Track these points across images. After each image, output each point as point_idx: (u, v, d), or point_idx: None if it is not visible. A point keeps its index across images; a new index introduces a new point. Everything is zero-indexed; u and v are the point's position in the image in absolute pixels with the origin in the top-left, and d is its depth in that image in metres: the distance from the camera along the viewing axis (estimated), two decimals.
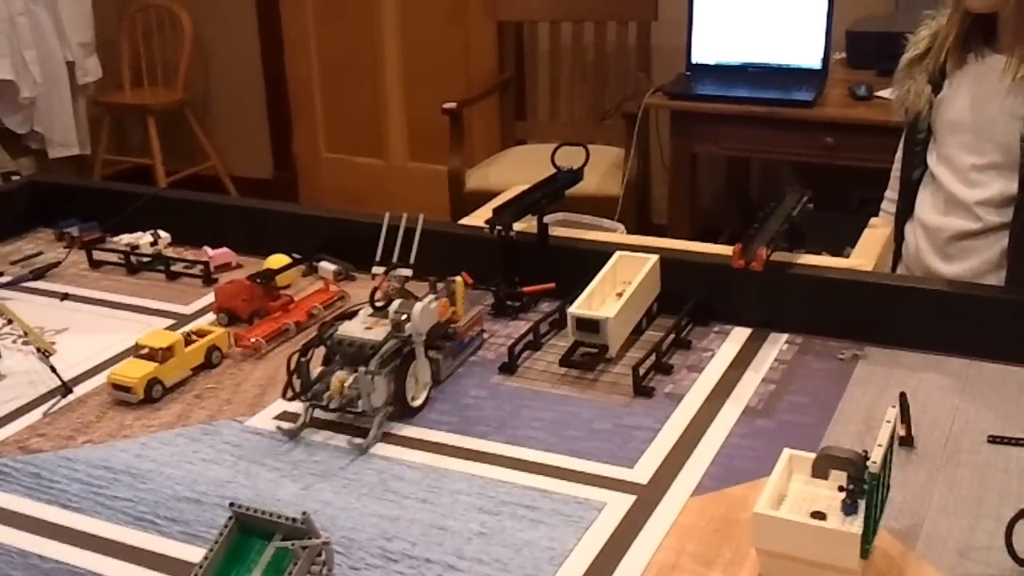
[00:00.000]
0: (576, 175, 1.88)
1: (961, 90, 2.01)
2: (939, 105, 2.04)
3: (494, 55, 4.50)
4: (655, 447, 1.37)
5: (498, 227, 1.73)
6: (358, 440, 1.39)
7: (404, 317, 1.43)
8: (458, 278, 1.60)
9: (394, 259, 1.56)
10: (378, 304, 1.47)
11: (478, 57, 4.63)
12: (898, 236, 2.17)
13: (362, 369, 1.37)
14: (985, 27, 1.98)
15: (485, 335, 1.67)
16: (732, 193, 4.49)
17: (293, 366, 1.42)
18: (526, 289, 1.76)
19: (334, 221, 2.00)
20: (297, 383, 1.42)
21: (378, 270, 1.57)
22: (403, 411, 1.44)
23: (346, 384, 1.39)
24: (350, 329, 1.45)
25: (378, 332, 1.43)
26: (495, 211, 1.76)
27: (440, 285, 1.57)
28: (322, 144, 5.25)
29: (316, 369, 1.44)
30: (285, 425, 1.43)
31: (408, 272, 1.55)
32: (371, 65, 4.96)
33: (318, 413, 1.44)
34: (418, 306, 1.44)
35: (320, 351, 1.46)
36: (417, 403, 1.46)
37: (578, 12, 4.36)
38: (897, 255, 2.17)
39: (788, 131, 3.44)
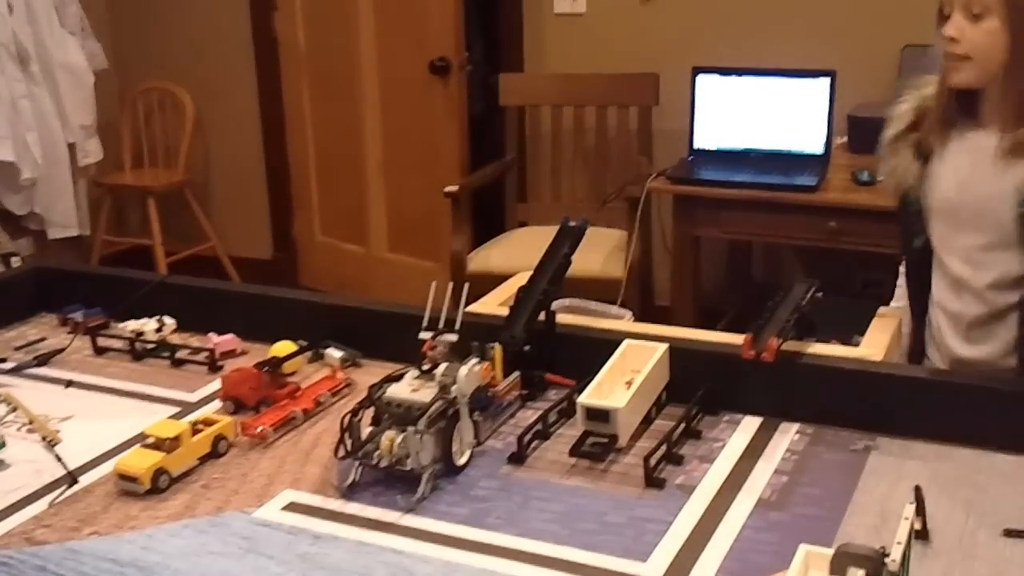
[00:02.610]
0: (582, 228, 1.87)
1: (947, 169, 2.01)
2: (927, 182, 2.04)
3: (460, 151, 4.44)
4: (668, 540, 1.35)
5: (511, 347, 1.73)
6: (407, 496, 1.45)
7: (451, 380, 1.51)
8: (497, 345, 1.67)
9: (440, 325, 1.62)
10: (424, 367, 1.54)
11: (447, 153, 4.49)
12: (917, 312, 2.15)
13: (411, 428, 1.44)
14: (967, 103, 1.99)
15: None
16: (734, 276, 4.50)
17: (345, 425, 1.47)
18: (549, 377, 1.77)
19: (339, 308, 2.00)
20: (349, 443, 1.47)
21: (425, 335, 1.61)
22: (448, 469, 1.51)
23: (395, 443, 1.44)
24: (398, 391, 1.52)
25: (424, 394, 1.51)
26: (504, 325, 1.75)
27: (486, 347, 1.64)
28: (317, 227, 5.23)
29: (366, 429, 1.50)
30: (337, 483, 1.49)
31: (454, 337, 1.60)
32: (355, 153, 4.90)
33: (328, 503, 1.44)
34: (463, 369, 1.53)
35: (369, 412, 1.52)
36: (461, 462, 1.53)
37: (580, 97, 4.40)
38: (921, 334, 2.16)
39: (791, 215, 3.45)
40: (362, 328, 1.92)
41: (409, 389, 1.53)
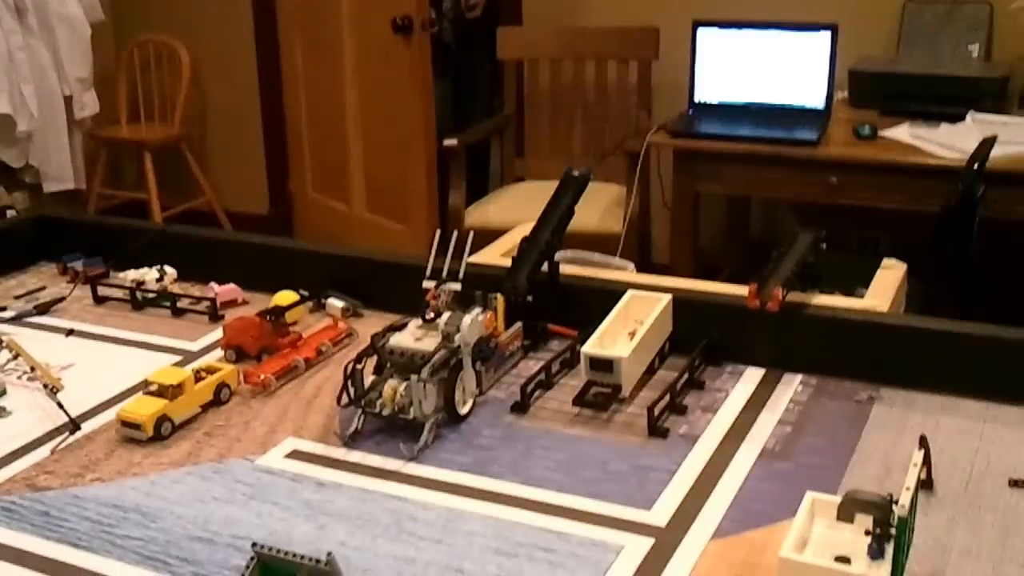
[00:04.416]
0: (585, 178, 1.85)
1: None
2: None
3: (423, 114, 4.28)
4: (672, 489, 1.35)
5: (515, 297, 1.72)
6: (409, 445, 1.44)
7: (454, 329, 1.51)
8: (499, 294, 1.66)
9: (444, 274, 1.61)
10: (428, 317, 1.54)
11: (414, 114, 4.35)
12: None
13: (414, 377, 1.43)
14: None
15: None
16: (732, 232, 4.50)
17: (348, 373, 1.47)
18: (552, 328, 1.76)
19: (340, 258, 1.98)
20: (352, 391, 1.48)
21: (429, 284, 1.60)
22: (451, 418, 1.51)
23: (399, 392, 1.45)
24: (401, 340, 1.52)
25: (428, 343, 1.50)
26: (507, 275, 1.74)
27: (489, 296, 1.64)
28: (309, 184, 5.18)
29: (368, 378, 1.49)
30: (340, 432, 1.48)
31: (457, 286, 1.59)
32: (339, 112, 4.84)
33: (331, 451, 1.44)
34: (467, 318, 1.52)
35: (372, 361, 1.51)
36: (464, 411, 1.53)
37: (579, 51, 4.37)
38: None
39: (792, 170, 3.45)
40: (363, 278, 1.92)
41: (412, 338, 1.52)
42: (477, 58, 4.81)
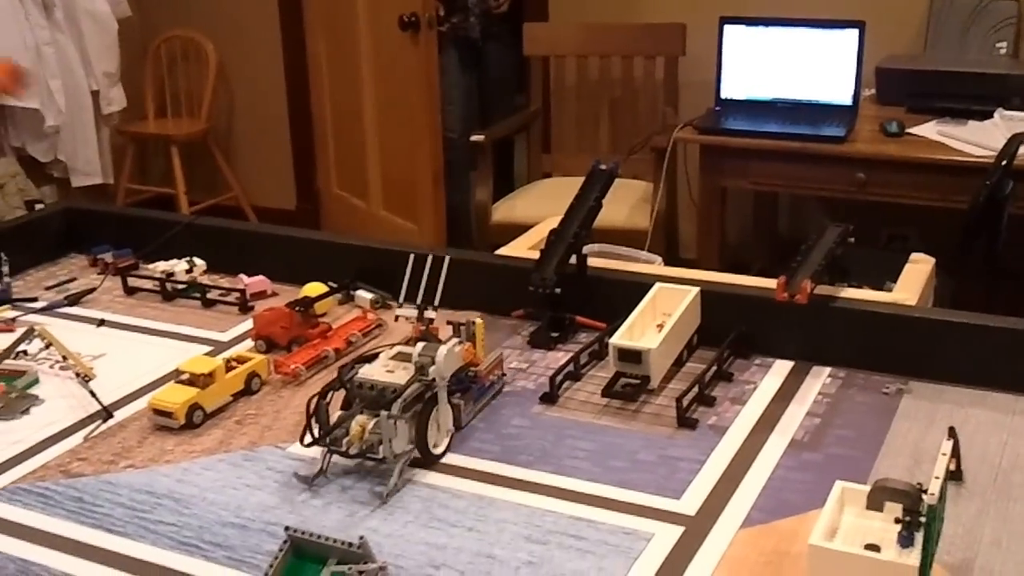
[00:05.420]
0: (613, 172, 1.85)
1: None
2: None
3: (429, 113, 4.17)
4: (701, 479, 1.35)
5: (542, 289, 1.72)
6: (379, 488, 1.34)
7: (428, 361, 1.37)
8: (478, 319, 1.56)
9: (418, 300, 1.54)
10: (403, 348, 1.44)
11: (421, 113, 4.22)
12: None
13: (384, 414, 1.32)
14: None
15: (509, 374, 1.65)
16: (759, 229, 4.48)
17: (312, 409, 1.37)
18: (579, 319, 1.76)
19: (368, 250, 1.99)
20: (316, 428, 1.37)
21: (407, 312, 1.53)
22: (425, 458, 1.39)
23: (367, 429, 1.34)
24: (371, 372, 1.40)
25: (400, 376, 1.38)
26: (535, 267, 1.74)
27: (462, 327, 1.53)
28: (334, 180, 5.16)
29: (335, 413, 1.39)
30: (302, 472, 1.38)
31: (432, 315, 1.52)
32: (358, 108, 4.74)
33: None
34: (442, 350, 1.38)
35: (340, 395, 1.41)
36: (439, 450, 1.41)
37: (606, 47, 4.37)
38: None
39: (819, 166, 3.43)
40: (391, 270, 1.92)
41: (383, 370, 1.40)
42: (502, 53, 4.80)
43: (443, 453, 1.41)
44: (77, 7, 4.96)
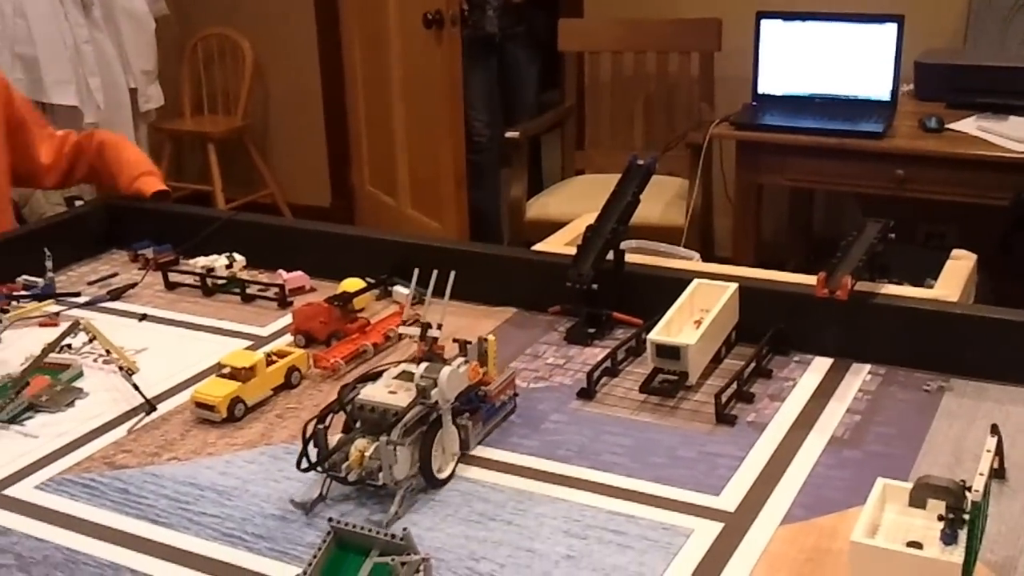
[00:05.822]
0: (650, 167, 1.84)
1: None
2: None
3: (452, 113, 4.14)
4: (741, 475, 1.35)
5: (579, 285, 1.72)
6: (376, 517, 1.28)
7: (431, 383, 1.31)
8: (491, 337, 1.48)
9: (426, 304, 1.50)
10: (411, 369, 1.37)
11: (444, 112, 4.18)
12: None
13: (384, 438, 1.26)
14: None
15: (546, 370, 1.65)
16: (794, 226, 4.46)
17: (309, 432, 1.30)
18: (616, 315, 1.76)
19: (405, 246, 2.00)
20: (314, 452, 1.31)
21: (411, 331, 1.49)
22: (429, 484, 1.33)
23: (367, 454, 1.28)
24: (372, 393, 1.34)
25: (402, 397, 1.32)
26: (572, 263, 1.74)
27: (470, 346, 1.46)
28: (367, 178, 5.16)
29: (335, 437, 1.33)
30: (298, 499, 1.31)
31: (437, 333, 1.46)
32: (388, 106, 4.72)
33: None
34: (445, 371, 1.31)
35: (340, 418, 1.35)
36: (443, 476, 1.34)
37: (641, 43, 4.36)
38: None
39: (857, 163, 3.41)
40: (427, 266, 1.93)
41: (386, 391, 1.34)
42: (523, 52, 4.80)
43: (449, 478, 1.36)
44: (115, 6, 4.99)
